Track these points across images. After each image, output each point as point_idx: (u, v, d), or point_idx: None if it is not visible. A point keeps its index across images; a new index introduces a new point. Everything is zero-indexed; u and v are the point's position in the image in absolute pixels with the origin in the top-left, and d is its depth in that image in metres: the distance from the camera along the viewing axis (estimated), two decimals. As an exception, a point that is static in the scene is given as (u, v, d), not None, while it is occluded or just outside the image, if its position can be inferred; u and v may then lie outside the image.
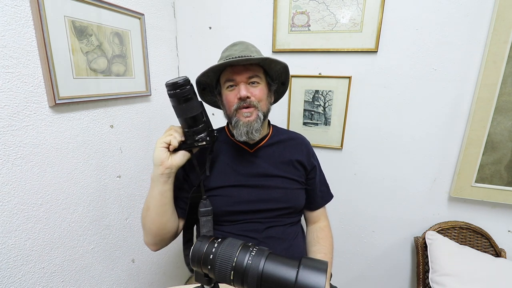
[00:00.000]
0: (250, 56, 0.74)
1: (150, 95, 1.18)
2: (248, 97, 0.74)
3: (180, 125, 0.69)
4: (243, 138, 0.75)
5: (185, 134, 0.68)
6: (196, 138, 0.67)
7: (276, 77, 0.83)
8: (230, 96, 0.76)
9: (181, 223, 0.81)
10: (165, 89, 1.28)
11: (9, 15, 0.66)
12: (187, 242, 0.81)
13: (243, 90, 0.73)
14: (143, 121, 1.16)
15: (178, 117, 0.66)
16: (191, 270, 0.80)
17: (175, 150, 0.69)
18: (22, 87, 0.71)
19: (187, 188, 0.80)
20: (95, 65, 0.89)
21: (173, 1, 1.31)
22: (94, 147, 0.94)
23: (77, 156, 0.88)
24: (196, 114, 0.66)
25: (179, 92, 0.62)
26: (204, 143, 0.68)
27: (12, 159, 0.70)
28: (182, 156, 0.69)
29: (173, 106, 0.65)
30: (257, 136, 0.76)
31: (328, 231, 0.90)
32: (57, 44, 0.76)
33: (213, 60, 0.80)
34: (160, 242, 0.77)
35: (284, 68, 0.79)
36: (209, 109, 1.35)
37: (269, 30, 1.20)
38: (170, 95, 0.63)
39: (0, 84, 0.66)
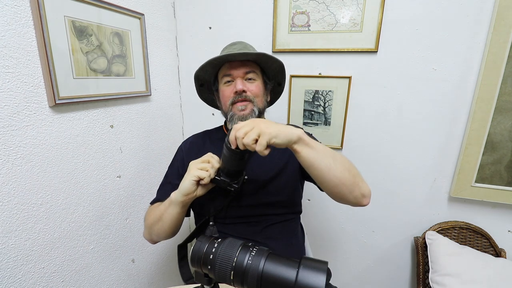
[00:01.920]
0: (251, 52, 0.76)
1: (150, 95, 1.18)
2: (244, 91, 0.76)
3: (218, 159, 0.68)
4: None
5: (219, 178, 0.67)
6: (229, 183, 0.67)
7: (272, 77, 0.85)
8: (227, 91, 0.79)
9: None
10: (165, 89, 1.29)
11: (9, 15, 0.66)
12: (183, 259, 0.80)
13: (239, 84, 0.76)
14: (143, 121, 1.16)
15: (222, 162, 0.65)
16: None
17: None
18: (22, 87, 0.71)
19: None
20: (95, 65, 0.89)
21: (173, 1, 1.31)
22: (94, 147, 0.94)
23: (77, 156, 0.88)
24: (241, 169, 0.66)
25: (239, 151, 0.59)
26: (233, 189, 0.67)
27: (12, 159, 0.70)
28: (206, 189, 0.69)
29: (223, 154, 0.63)
30: None
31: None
32: (57, 44, 0.76)
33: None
34: (162, 239, 0.80)
35: (281, 67, 0.80)
36: (209, 109, 1.35)
37: (269, 30, 1.21)
38: (227, 148, 0.60)
39: (0, 84, 0.66)
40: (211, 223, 0.68)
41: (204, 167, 0.65)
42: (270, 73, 0.83)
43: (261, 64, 0.81)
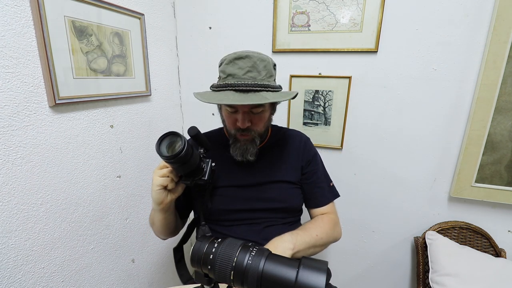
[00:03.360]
0: (257, 84, 0.66)
1: (150, 95, 1.18)
2: (247, 127, 0.73)
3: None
4: (238, 159, 0.76)
5: (182, 180, 0.64)
6: (193, 181, 0.63)
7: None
8: (229, 119, 0.75)
9: (185, 220, 0.85)
10: (165, 89, 1.29)
11: (9, 15, 0.66)
12: (180, 262, 0.80)
13: (241, 122, 0.70)
14: (143, 121, 1.16)
15: (176, 170, 0.62)
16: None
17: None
18: (22, 87, 0.71)
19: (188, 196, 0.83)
20: (95, 65, 0.89)
21: (173, 1, 1.31)
22: (94, 147, 0.94)
23: (77, 156, 0.88)
24: (195, 167, 0.61)
25: (177, 160, 0.55)
26: (203, 183, 0.64)
27: (12, 159, 0.70)
28: (180, 189, 0.68)
29: (171, 165, 0.60)
30: (251, 159, 0.76)
31: (328, 219, 0.82)
32: (57, 44, 0.76)
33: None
34: (168, 236, 0.83)
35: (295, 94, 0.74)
36: (209, 109, 1.35)
37: (269, 30, 1.20)
38: (168, 162, 0.58)
39: (0, 84, 0.66)
40: (202, 222, 0.67)
41: (163, 173, 0.63)
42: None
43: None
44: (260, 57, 0.69)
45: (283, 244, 0.66)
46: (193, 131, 0.61)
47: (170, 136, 0.57)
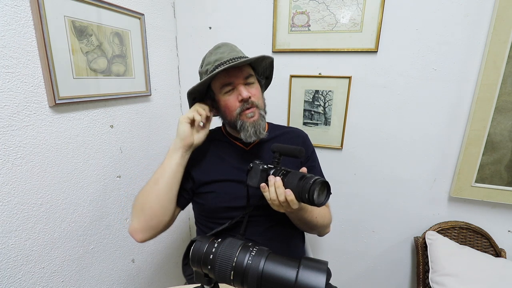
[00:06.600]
0: (241, 56, 0.74)
1: (150, 95, 1.18)
2: (249, 97, 0.75)
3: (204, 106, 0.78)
4: (253, 139, 0.75)
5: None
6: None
7: (261, 73, 0.85)
8: (231, 100, 0.75)
9: (176, 212, 0.80)
10: (165, 89, 1.29)
11: (9, 15, 0.66)
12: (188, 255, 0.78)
13: (244, 92, 0.73)
14: (143, 121, 1.16)
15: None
16: (189, 280, 0.80)
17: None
18: (22, 87, 0.71)
19: (188, 186, 0.80)
20: (95, 65, 0.89)
21: (173, 1, 1.31)
22: (94, 147, 0.94)
23: (77, 156, 0.88)
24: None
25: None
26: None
27: (12, 159, 0.70)
28: (202, 136, 0.78)
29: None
30: (264, 134, 0.77)
31: (328, 210, 0.86)
32: (57, 44, 0.76)
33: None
34: (152, 228, 0.73)
35: (270, 63, 0.82)
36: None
37: (269, 30, 1.20)
38: (311, 204, 0.60)
39: (0, 84, 0.66)
40: (241, 232, 0.74)
41: (193, 110, 0.74)
42: (260, 70, 0.83)
43: (252, 64, 0.80)
44: (234, 44, 0.81)
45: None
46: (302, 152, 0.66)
47: (326, 186, 0.60)
